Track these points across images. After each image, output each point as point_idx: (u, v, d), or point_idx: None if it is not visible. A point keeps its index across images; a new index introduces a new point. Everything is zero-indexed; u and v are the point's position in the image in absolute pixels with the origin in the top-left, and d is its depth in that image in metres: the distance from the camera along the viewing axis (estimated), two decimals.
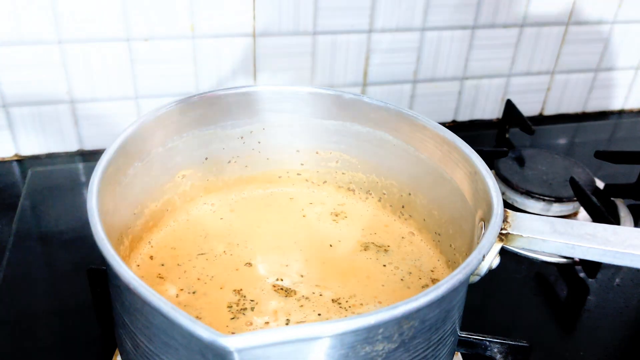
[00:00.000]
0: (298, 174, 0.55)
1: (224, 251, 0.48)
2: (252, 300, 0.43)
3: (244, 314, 0.42)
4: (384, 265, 0.47)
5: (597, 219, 0.59)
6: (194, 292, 0.43)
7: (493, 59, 0.83)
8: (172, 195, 0.50)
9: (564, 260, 0.59)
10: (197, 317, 0.34)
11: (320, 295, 0.44)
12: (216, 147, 0.51)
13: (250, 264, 0.46)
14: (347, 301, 0.43)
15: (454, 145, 0.44)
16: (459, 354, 0.47)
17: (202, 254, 0.47)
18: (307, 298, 0.43)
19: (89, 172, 0.70)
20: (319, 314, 0.42)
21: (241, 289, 0.44)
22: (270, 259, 0.47)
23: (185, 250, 0.47)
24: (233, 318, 0.41)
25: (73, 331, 0.49)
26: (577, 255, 0.38)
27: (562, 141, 0.87)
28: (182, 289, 0.44)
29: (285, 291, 0.44)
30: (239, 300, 0.43)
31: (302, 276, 0.45)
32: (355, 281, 0.45)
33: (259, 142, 0.52)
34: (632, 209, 0.67)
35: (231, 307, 0.42)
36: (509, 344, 0.43)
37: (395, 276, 0.46)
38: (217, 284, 0.44)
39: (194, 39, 0.70)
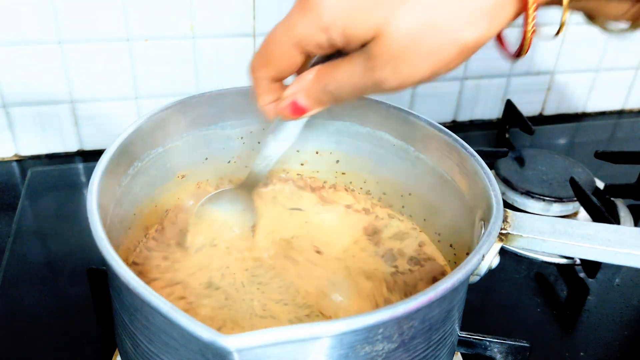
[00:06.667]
0: (298, 174, 0.54)
1: (225, 248, 0.48)
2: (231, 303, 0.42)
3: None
4: (383, 257, 0.47)
5: (597, 219, 0.59)
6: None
7: (493, 59, 0.83)
8: (172, 196, 0.50)
9: (564, 260, 0.59)
10: None
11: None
12: (216, 147, 0.51)
13: (247, 264, 0.46)
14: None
15: (454, 145, 0.44)
16: (459, 354, 0.47)
17: (198, 253, 0.47)
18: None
19: (89, 172, 0.70)
20: None
21: (230, 292, 0.44)
22: (265, 260, 0.47)
23: (182, 251, 0.47)
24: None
25: (73, 331, 0.49)
26: (577, 255, 0.38)
27: (562, 141, 0.87)
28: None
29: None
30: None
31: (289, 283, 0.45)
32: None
33: (259, 142, 0.52)
34: (632, 209, 0.67)
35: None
36: (509, 344, 0.43)
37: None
38: (206, 284, 0.44)
39: (194, 39, 0.70)
